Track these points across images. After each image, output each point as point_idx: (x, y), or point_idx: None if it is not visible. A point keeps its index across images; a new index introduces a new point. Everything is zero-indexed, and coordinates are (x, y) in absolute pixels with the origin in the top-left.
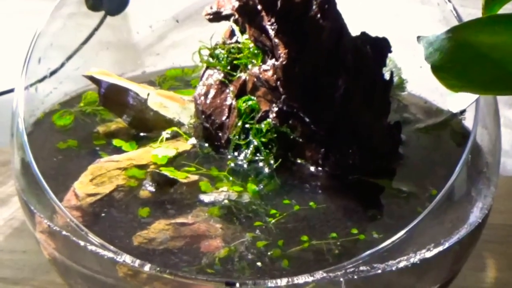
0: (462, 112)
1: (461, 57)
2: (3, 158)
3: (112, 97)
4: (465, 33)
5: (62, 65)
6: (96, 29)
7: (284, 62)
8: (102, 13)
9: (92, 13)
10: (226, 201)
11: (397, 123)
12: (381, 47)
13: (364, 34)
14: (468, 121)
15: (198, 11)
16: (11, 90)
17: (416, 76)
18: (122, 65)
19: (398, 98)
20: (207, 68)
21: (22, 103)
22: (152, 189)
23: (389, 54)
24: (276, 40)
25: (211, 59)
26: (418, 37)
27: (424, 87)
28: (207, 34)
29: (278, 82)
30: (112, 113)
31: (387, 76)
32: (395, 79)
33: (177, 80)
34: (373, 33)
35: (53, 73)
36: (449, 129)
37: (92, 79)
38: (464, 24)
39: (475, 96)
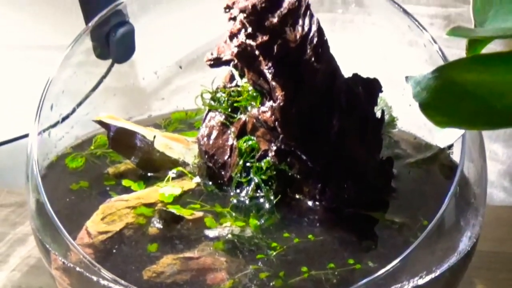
0: (450, 146)
1: (447, 95)
2: (20, 200)
3: (121, 140)
4: (451, 72)
5: (73, 111)
6: (104, 76)
7: (281, 104)
8: (109, 61)
9: (100, 61)
10: (229, 235)
11: (389, 158)
12: (372, 87)
13: (356, 75)
14: (455, 155)
15: (200, 57)
16: (26, 135)
17: (406, 114)
18: (129, 109)
19: (390, 135)
20: (209, 110)
21: (36, 147)
22: (160, 226)
23: (380, 94)
24: (274, 83)
25: (212, 102)
26: (406, 77)
27: (414, 124)
28: (209, 79)
29: (276, 123)
30: (121, 155)
31: (378, 114)
32: (386, 117)
33: (181, 123)
34: (364, 74)
35: (64, 118)
36: (438, 163)
37: (101, 123)
38: (449, 63)
39: (462, 131)
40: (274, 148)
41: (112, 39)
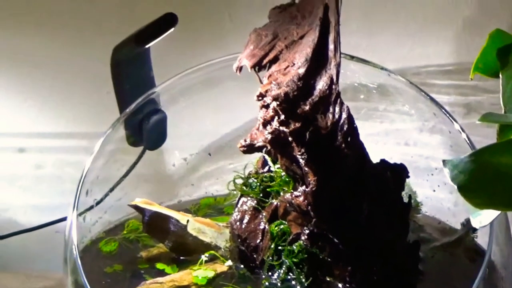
0: (474, 230)
1: (484, 177)
2: (48, 284)
3: (155, 224)
4: (487, 156)
5: (106, 195)
6: (135, 163)
7: (314, 189)
8: (141, 148)
9: (132, 148)
10: None
11: (416, 242)
12: (400, 173)
13: (383, 161)
14: (480, 239)
15: (227, 144)
16: (54, 222)
17: (429, 199)
18: (160, 195)
19: (414, 219)
20: (241, 196)
21: (75, 231)
22: None
23: None
24: (306, 169)
25: (245, 188)
26: (444, 161)
27: (438, 208)
28: (235, 165)
29: (309, 207)
30: (155, 239)
31: (405, 199)
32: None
33: (210, 208)
34: (389, 160)
35: (97, 203)
36: (463, 246)
37: (136, 208)
38: (484, 148)
39: (497, 212)
40: (307, 231)
41: (145, 127)
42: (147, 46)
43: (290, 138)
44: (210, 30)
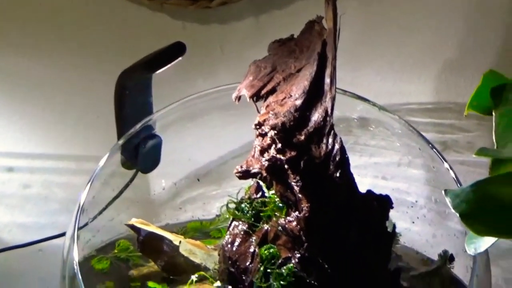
0: (451, 261)
1: (486, 206)
2: None
3: (150, 244)
4: (488, 187)
5: (99, 213)
6: (127, 185)
7: (306, 215)
8: (133, 171)
9: (124, 172)
10: None
11: (397, 269)
12: (385, 203)
13: (370, 192)
14: (456, 269)
15: (213, 171)
16: (43, 239)
17: (408, 230)
18: (148, 217)
19: (393, 249)
20: (233, 219)
21: (76, 248)
22: None
23: None
24: (300, 195)
25: (237, 212)
26: (445, 190)
27: (416, 240)
28: (220, 191)
29: (301, 232)
30: (148, 257)
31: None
32: None
33: (196, 231)
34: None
35: (92, 221)
36: (440, 276)
37: (132, 227)
38: (486, 179)
39: (492, 240)
40: (298, 255)
41: (141, 151)
42: (155, 73)
43: (286, 166)
44: (201, 62)
